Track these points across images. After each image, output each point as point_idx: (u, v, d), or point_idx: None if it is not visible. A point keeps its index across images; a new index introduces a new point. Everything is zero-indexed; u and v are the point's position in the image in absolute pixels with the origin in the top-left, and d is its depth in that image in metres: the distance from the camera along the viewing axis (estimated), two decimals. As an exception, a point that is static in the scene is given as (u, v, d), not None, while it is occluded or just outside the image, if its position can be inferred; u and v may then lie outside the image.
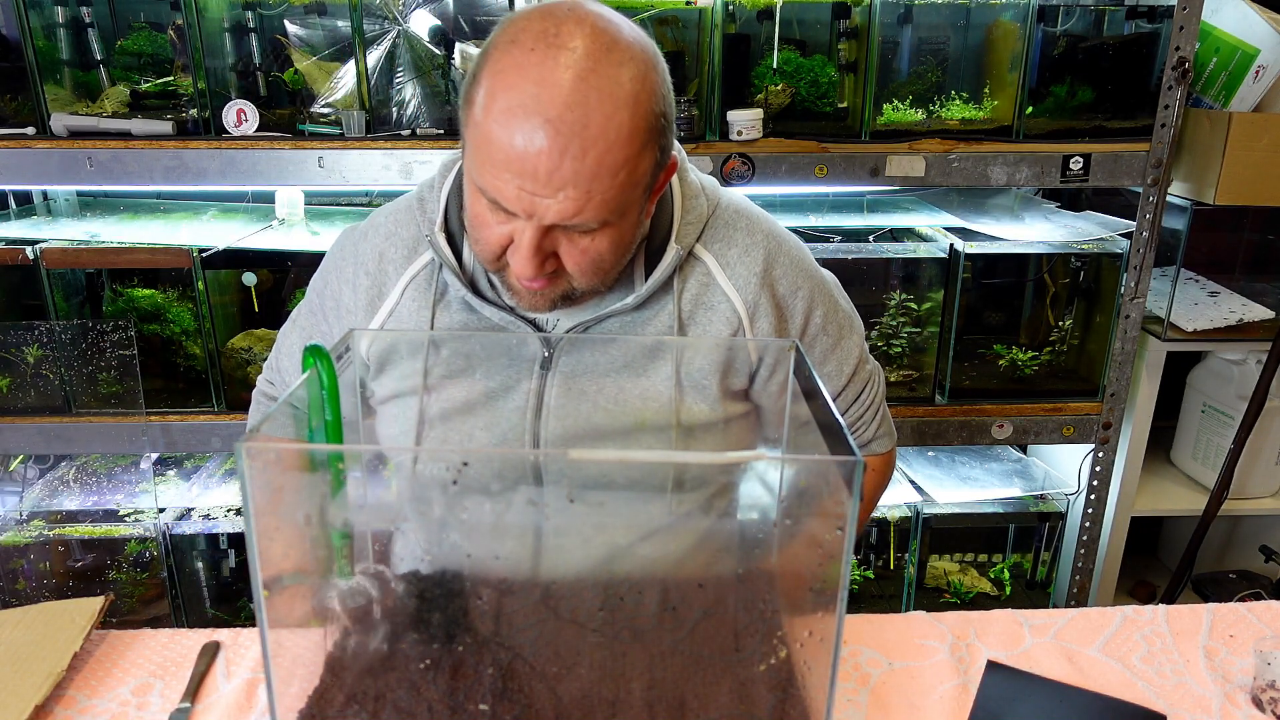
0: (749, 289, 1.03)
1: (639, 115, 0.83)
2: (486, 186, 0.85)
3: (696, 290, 1.03)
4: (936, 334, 1.90)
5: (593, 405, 1.00)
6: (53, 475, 2.07)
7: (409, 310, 1.04)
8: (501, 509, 0.77)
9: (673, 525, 0.98)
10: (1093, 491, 2.01)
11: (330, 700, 0.76)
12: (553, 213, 0.84)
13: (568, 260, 0.90)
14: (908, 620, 1.07)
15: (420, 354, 1.02)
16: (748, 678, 0.79)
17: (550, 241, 0.88)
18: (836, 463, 0.68)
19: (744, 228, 1.06)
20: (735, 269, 1.04)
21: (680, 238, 1.01)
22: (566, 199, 0.83)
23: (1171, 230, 1.99)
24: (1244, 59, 1.84)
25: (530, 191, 0.83)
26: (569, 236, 0.88)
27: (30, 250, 1.71)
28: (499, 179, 0.83)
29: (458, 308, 1.03)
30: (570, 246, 0.89)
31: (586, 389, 1.00)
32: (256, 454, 0.65)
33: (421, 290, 1.04)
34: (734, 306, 1.03)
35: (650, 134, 0.85)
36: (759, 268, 1.04)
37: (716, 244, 1.04)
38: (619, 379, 1.01)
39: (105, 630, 1.03)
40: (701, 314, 1.03)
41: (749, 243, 1.05)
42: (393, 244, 1.06)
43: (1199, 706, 0.94)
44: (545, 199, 0.83)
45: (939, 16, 1.81)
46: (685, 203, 1.03)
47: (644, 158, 0.86)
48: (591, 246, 0.89)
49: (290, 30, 1.74)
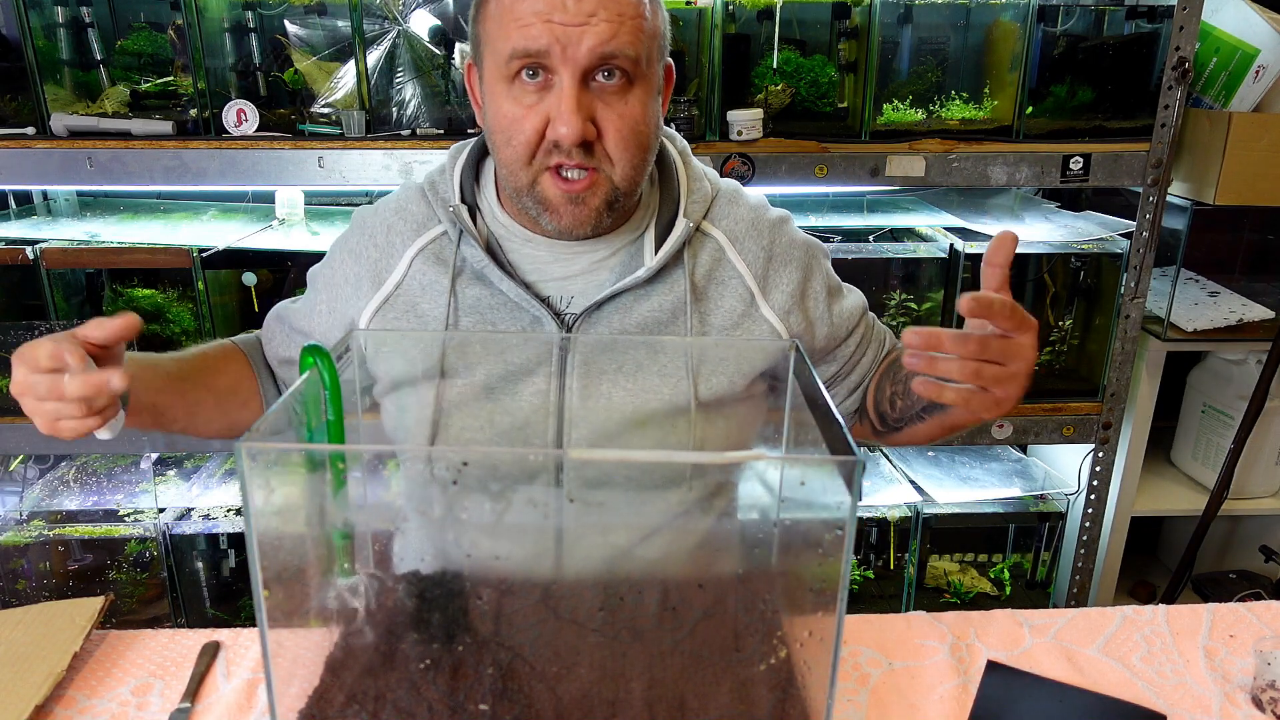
0: (758, 264, 1.06)
1: None
2: (516, 43, 0.88)
3: (709, 265, 1.05)
4: (936, 334, 1.90)
5: (612, 384, 1.01)
6: (53, 475, 2.07)
7: (418, 283, 1.04)
8: (503, 508, 0.77)
9: (674, 525, 0.98)
10: (1093, 491, 2.01)
11: (330, 700, 0.76)
12: (588, 41, 0.87)
13: (608, 127, 0.91)
14: (908, 620, 1.07)
15: (430, 341, 1.02)
16: (748, 678, 0.79)
17: (587, 101, 0.90)
18: (836, 463, 0.68)
19: (747, 205, 1.09)
20: (744, 244, 1.06)
21: (688, 212, 1.04)
22: (600, 22, 0.87)
23: (1171, 230, 1.99)
24: (1244, 59, 1.84)
25: (563, 22, 0.86)
26: (604, 99, 0.90)
27: (30, 250, 1.71)
28: (530, 26, 0.87)
29: (472, 283, 1.03)
30: (607, 111, 0.91)
31: (606, 367, 1.01)
32: (256, 454, 0.65)
33: (431, 263, 1.04)
34: (744, 281, 1.05)
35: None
36: (765, 241, 1.07)
37: (724, 220, 1.07)
38: (636, 354, 1.02)
39: (105, 630, 1.03)
40: (714, 289, 1.05)
41: (753, 217, 1.08)
42: (401, 218, 1.07)
43: (1199, 706, 0.94)
44: (578, 27, 0.86)
45: (939, 16, 1.81)
46: (691, 183, 1.06)
47: (655, 7, 0.92)
48: (627, 110, 0.91)
49: (290, 30, 1.74)
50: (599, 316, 1.02)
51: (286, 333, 1.15)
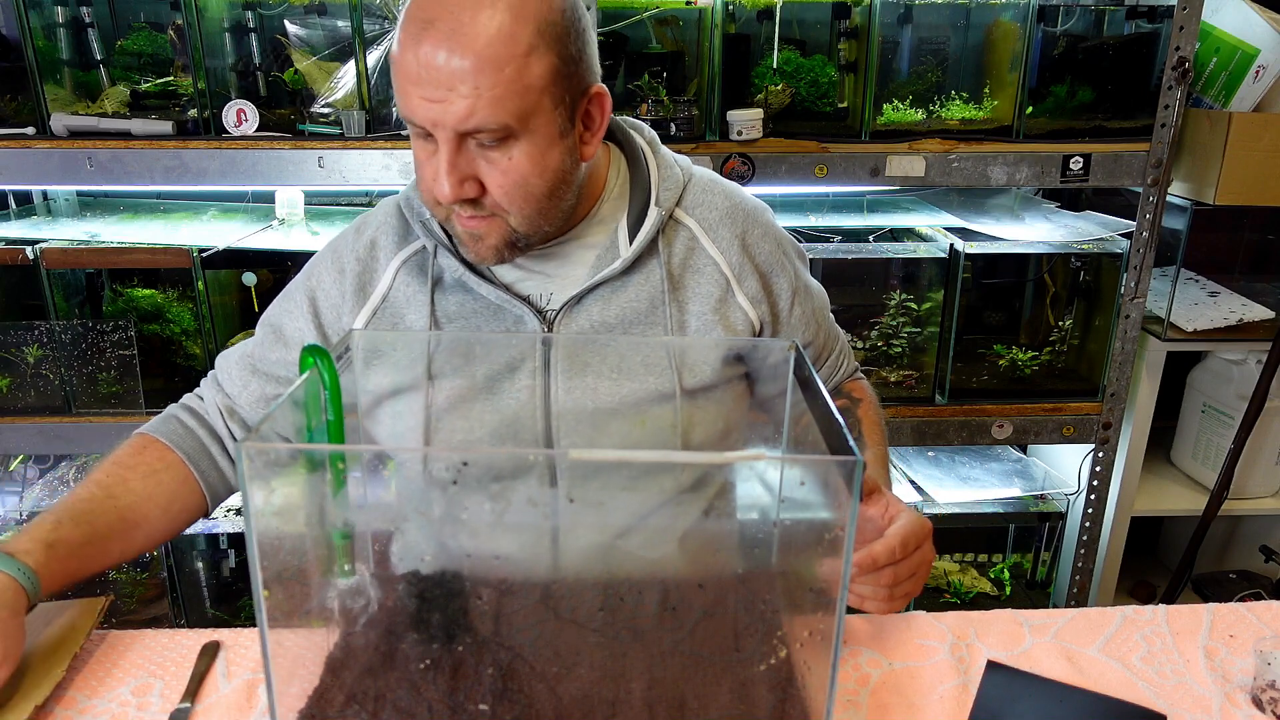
0: (732, 251, 1.08)
1: (521, 17, 0.86)
2: (403, 111, 0.89)
3: (683, 254, 1.06)
4: (936, 334, 1.90)
5: (597, 375, 1.02)
6: (53, 475, 2.07)
7: (402, 295, 1.06)
8: (502, 507, 0.77)
9: (673, 524, 0.98)
10: (1093, 491, 2.01)
11: (330, 700, 0.76)
12: (451, 116, 0.87)
13: (490, 183, 0.92)
14: (908, 620, 1.07)
15: (417, 348, 1.02)
16: (748, 678, 0.79)
17: (466, 160, 0.90)
18: (836, 463, 0.68)
19: (720, 192, 1.10)
20: (718, 232, 1.08)
21: (660, 201, 1.04)
22: (459, 98, 0.86)
23: (1171, 230, 1.99)
24: (1244, 59, 1.84)
25: (428, 98, 0.86)
26: (485, 155, 0.90)
27: (30, 250, 1.71)
28: (408, 97, 0.88)
29: (453, 290, 1.05)
30: (490, 168, 0.91)
31: (590, 360, 1.02)
32: (256, 454, 0.65)
33: (414, 275, 1.06)
34: (720, 269, 1.07)
35: (540, 36, 0.87)
36: (739, 229, 1.08)
37: (698, 209, 1.08)
38: (619, 346, 1.03)
39: (105, 630, 1.03)
40: (690, 277, 1.06)
41: (727, 206, 1.09)
42: (383, 232, 1.08)
43: (1199, 706, 0.94)
44: (440, 103, 0.86)
45: (939, 16, 1.81)
46: (661, 171, 1.07)
47: (535, 60, 0.87)
48: (511, 166, 0.90)
49: (290, 30, 1.74)
50: (579, 310, 1.03)
51: (255, 374, 1.10)
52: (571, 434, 1.02)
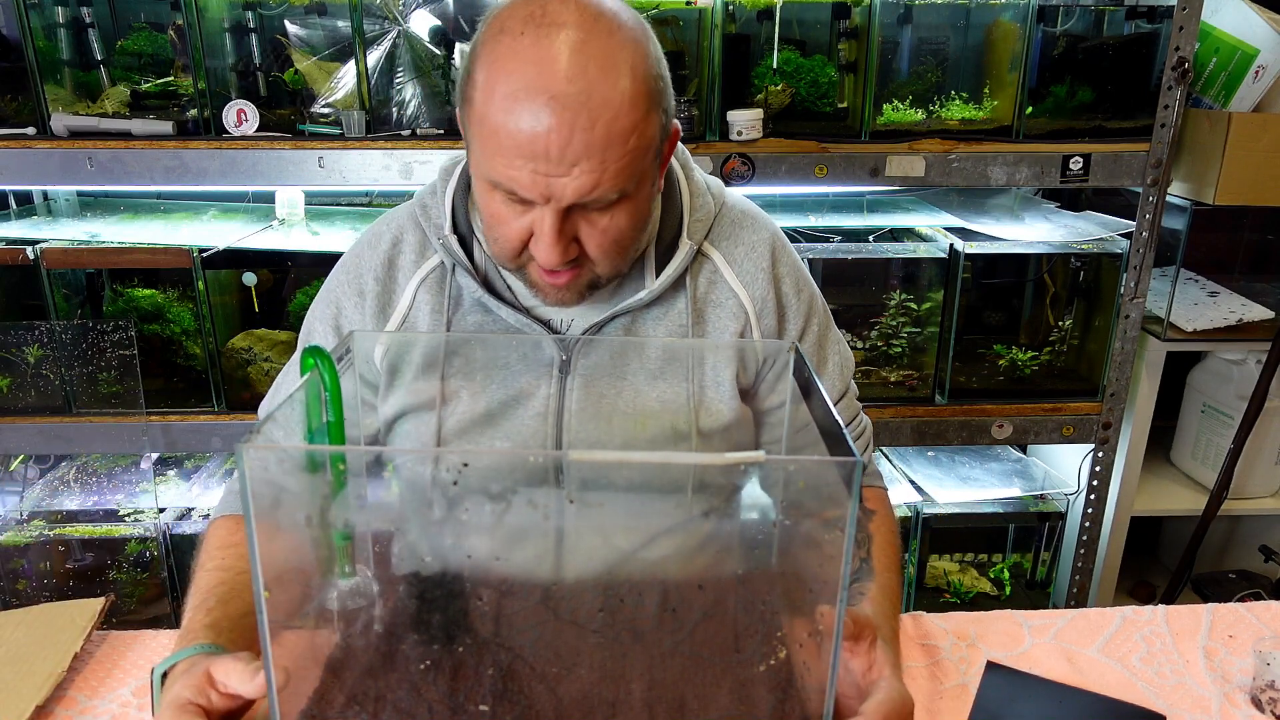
0: (756, 286, 1.04)
1: (639, 79, 0.83)
2: (500, 178, 0.84)
3: (705, 287, 1.04)
4: (936, 334, 1.90)
5: (612, 408, 1.00)
6: (53, 475, 2.07)
7: (423, 314, 1.03)
8: (503, 510, 0.77)
9: (675, 527, 0.98)
10: (1092, 491, 2.01)
11: (330, 700, 0.77)
12: (570, 190, 0.83)
13: (589, 243, 0.89)
14: (908, 620, 1.07)
15: (432, 367, 1.00)
16: (747, 678, 0.79)
17: (570, 225, 0.87)
18: (836, 463, 0.68)
19: (749, 226, 1.07)
20: (743, 266, 1.05)
21: (691, 234, 1.02)
22: (582, 174, 0.82)
23: (1171, 230, 1.99)
24: (1244, 59, 1.84)
25: (545, 173, 0.82)
26: (587, 217, 0.87)
27: (30, 250, 1.71)
28: (512, 167, 0.83)
29: (472, 310, 1.02)
30: (590, 229, 0.88)
31: (605, 391, 1.00)
32: (256, 454, 0.65)
33: (434, 293, 1.03)
34: (742, 304, 1.04)
35: (652, 97, 0.85)
36: (765, 264, 1.05)
37: (724, 241, 1.05)
38: (636, 381, 1.01)
39: (106, 631, 1.03)
40: (712, 311, 1.04)
41: (754, 240, 1.06)
42: (400, 250, 1.05)
43: (1198, 707, 0.94)
44: (560, 178, 0.82)
45: (939, 16, 1.81)
46: (693, 200, 1.03)
47: (650, 121, 0.85)
48: (611, 225, 0.88)
49: (290, 30, 1.74)
50: (599, 338, 1.01)
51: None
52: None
